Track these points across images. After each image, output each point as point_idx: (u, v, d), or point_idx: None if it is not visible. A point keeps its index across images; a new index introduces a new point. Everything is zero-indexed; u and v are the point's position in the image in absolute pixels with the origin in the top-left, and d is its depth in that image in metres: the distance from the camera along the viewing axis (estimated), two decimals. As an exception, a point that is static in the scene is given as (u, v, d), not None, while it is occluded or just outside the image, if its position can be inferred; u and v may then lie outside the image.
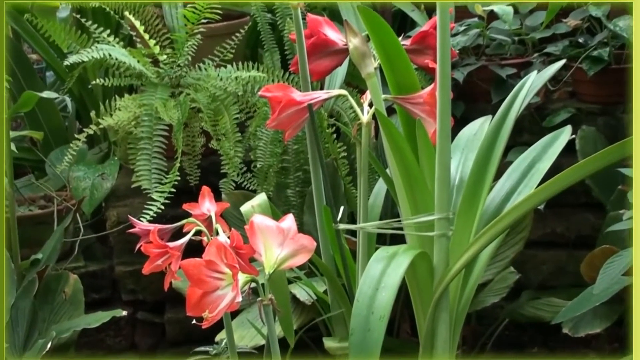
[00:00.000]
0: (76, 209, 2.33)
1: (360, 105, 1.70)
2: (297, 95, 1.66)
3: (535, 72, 1.71)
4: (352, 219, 2.12)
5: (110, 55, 2.15)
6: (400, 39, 1.62)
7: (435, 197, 1.52)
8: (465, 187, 1.61)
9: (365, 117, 1.66)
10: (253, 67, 2.23)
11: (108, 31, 2.27)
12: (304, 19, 1.81)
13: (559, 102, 2.41)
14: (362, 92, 1.80)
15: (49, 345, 1.88)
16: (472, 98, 2.38)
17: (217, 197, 1.57)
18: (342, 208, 1.81)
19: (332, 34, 1.73)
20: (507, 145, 1.62)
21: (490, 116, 1.74)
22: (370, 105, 1.65)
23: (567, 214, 2.36)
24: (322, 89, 2.16)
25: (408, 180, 1.56)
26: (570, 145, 1.81)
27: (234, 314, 1.95)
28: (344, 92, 1.72)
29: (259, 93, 1.70)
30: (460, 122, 1.81)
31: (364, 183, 1.70)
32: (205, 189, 1.51)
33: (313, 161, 1.86)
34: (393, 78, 1.63)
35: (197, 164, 2.25)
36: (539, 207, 2.10)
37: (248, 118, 2.25)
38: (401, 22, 2.64)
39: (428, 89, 1.58)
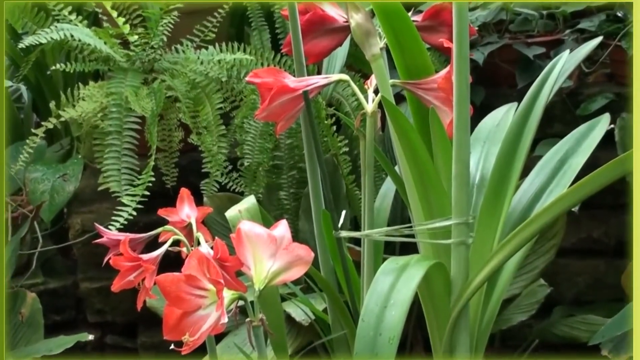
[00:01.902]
0: (34, 216, 2.32)
1: (364, 92, 1.69)
2: (291, 81, 1.66)
3: (567, 51, 1.71)
4: (355, 224, 2.12)
5: (72, 36, 2.15)
6: (410, 14, 1.62)
7: (453, 198, 1.51)
8: (487, 186, 1.61)
9: (369, 105, 1.65)
10: (239, 49, 2.23)
11: (70, 8, 2.27)
12: (297, -8, 1.81)
13: (595, 87, 2.41)
14: (366, 76, 1.80)
15: (3, 375, 1.89)
16: (494, 82, 2.38)
17: (198, 201, 1.57)
18: (343, 212, 1.81)
19: (331, 9, 1.73)
20: (536, 137, 1.61)
21: (515, 103, 1.74)
22: (376, 91, 1.65)
23: (606, 217, 2.36)
24: (319, 73, 2.16)
25: (420, 179, 1.56)
26: (608, 137, 1.81)
27: (219, 338, 1.94)
28: (345, 76, 1.71)
29: (246, 79, 1.69)
30: (480, 111, 1.81)
31: (369, 183, 1.70)
32: (184, 191, 1.51)
33: (310, 158, 1.86)
34: (402, 60, 1.63)
35: (174, 162, 2.25)
36: (572, 209, 2.10)
37: (233, 108, 2.25)
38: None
39: (443, 72, 1.58)
